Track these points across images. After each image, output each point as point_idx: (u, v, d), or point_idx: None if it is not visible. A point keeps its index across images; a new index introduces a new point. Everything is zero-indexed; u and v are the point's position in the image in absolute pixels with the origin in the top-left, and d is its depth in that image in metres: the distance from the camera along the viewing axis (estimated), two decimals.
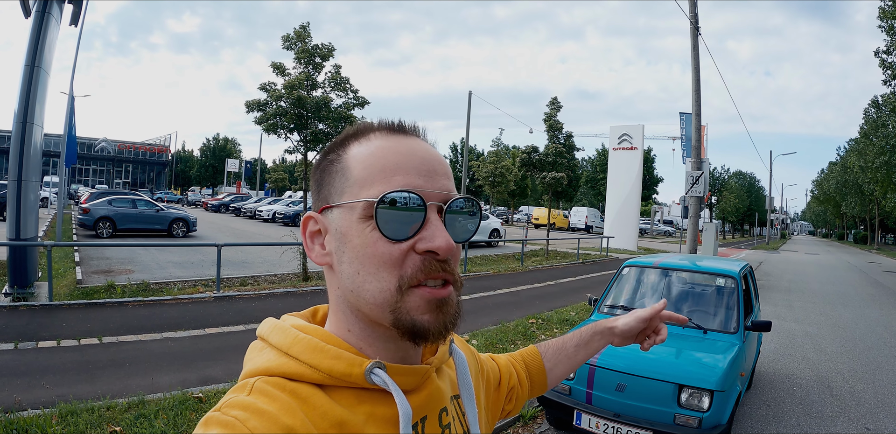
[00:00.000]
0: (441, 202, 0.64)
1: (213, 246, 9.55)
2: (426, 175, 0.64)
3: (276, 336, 0.66)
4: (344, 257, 0.64)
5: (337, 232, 0.65)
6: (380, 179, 0.62)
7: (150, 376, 5.02)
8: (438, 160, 0.67)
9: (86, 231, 16.92)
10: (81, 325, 6.59)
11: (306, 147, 11.41)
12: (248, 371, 0.64)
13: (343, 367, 0.62)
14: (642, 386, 3.51)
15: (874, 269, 24.27)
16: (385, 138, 0.66)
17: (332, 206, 0.65)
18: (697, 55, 14.06)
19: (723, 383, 3.38)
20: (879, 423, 4.93)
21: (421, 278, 0.61)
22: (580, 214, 42.13)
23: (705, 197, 30.42)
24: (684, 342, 3.98)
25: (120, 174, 66.84)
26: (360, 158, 0.65)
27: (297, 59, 10.94)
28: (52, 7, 8.29)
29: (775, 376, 6.28)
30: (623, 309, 4.58)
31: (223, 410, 0.55)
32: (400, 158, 0.64)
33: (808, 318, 10.13)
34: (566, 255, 19.79)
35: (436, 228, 0.61)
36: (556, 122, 17.62)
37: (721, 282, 4.57)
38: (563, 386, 3.88)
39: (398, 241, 0.61)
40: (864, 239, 60.99)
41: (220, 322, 7.22)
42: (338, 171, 0.66)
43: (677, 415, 3.38)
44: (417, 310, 0.61)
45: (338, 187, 0.65)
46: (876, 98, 33.80)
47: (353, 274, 0.63)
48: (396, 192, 0.60)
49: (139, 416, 3.88)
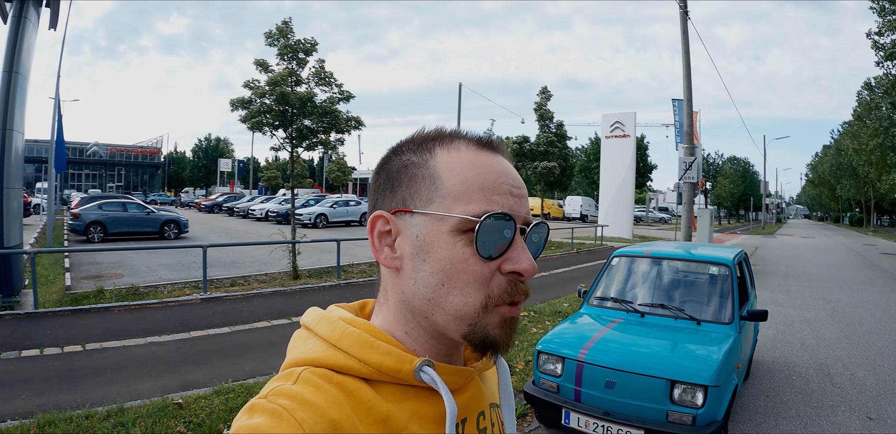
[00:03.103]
0: (524, 225, 0.66)
1: (199, 247, 9.47)
2: (517, 196, 0.65)
3: (323, 327, 0.67)
4: (424, 266, 0.64)
5: (418, 239, 0.64)
6: (478, 197, 0.63)
7: (131, 383, 4.92)
8: (522, 183, 0.68)
9: (77, 236, 16.83)
10: (66, 333, 6.49)
11: (292, 144, 11.26)
12: (292, 360, 0.65)
13: (393, 363, 0.62)
14: (633, 382, 3.33)
15: (871, 251, 24.18)
16: (476, 152, 0.67)
17: (415, 212, 0.65)
18: (687, 40, 13.86)
19: (717, 378, 3.21)
20: (882, 411, 4.77)
21: (506, 299, 0.63)
22: (575, 204, 42.02)
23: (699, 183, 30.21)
24: (677, 335, 3.80)
25: (113, 178, 66.48)
26: (454, 169, 0.64)
27: (280, 55, 10.79)
28: (28, 11, 8.20)
29: (773, 365, 6.12)
30: (613, 301, 4.40)
31: (269, 398, 0.55)
32: (496, 177, 0.65)
33: (805, 304, 9.99)
34: (560, 244, 19.62)
35: (522, 251, 0.63)
36: (546, 112, 17.46)
37: (714, 270, 4.40)
38: (551, 383, 3.71)
39: (488, 260, 0.62)
40: (859, 221, 61.03)
41: (206, 325, 7.09)
42: (423, 177, 0.65)
43: (670, 412, 3.20)
44: (492, 325, 0.63)
45: (424, 194, 0.64)
46: (869, 80, 33.74)
47: (435, 284, 0.63)
48: (497, 214, 0.61)
49: (117, 424, 3.79)
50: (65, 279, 9.90)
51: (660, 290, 4.41)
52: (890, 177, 28.20)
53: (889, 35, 22.35)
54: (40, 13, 8.73)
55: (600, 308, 4.39)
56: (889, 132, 26.55)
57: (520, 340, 6.32)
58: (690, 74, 13.65)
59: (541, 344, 3.84)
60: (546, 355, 3.75)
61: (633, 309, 4.21)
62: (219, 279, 10.47)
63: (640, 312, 4.15)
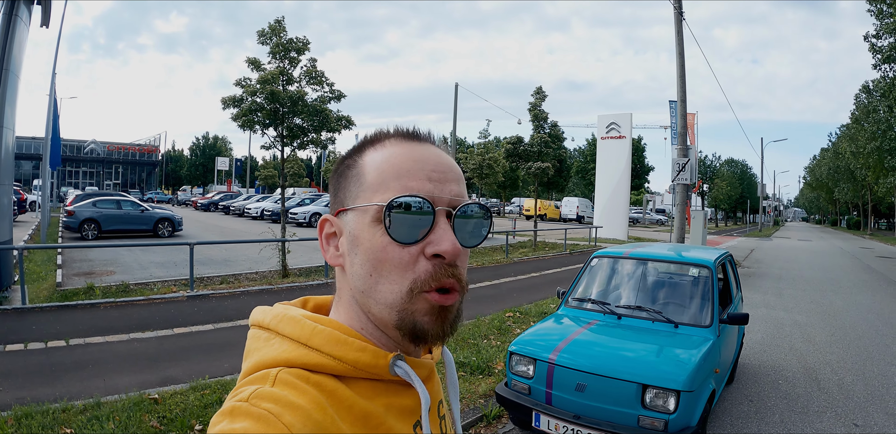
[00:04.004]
0: (450, 207, 0.65)
1: (186, 244, 9.48)
2: (437, 180, 0.65)
3: (288, 326, 0.65)
4: (356, 259, 0.65)
5: (350, 234, 0.66)
6: (394, 186, 0.64)
7: (111, 378, 4.95)
8: (450, 166, 0.69)
9: (71, 233, 16.85)
10: (51, 328, 6.50)
11: (283, 142, 11.26)
12: (259, 361, 0.63)
13: (369, 359, 0.63)
14: (604, 386, 3.21)
15: (867, 254, 24.10)
16: (399, 145, 0.68)
17: (347, 210, 0.67)
18: (682, 41, 13.78)
19: (691, 383, 3.09)
20: (869, 418, 4.66)
21: (433, 285, 0.62)
22: (571, 205, 41.93)
23: (696, 185, 29.96)
24: (653, 337, 3.68)
25: (110, 175, 66.34)
26: (374, 164, 0.66)
27: (272, 53, 10.82)
28: (19, 9, 8.24)
29: (760, 369, 6.01)
30: (591, 302, 4.28)
31: (252, 402, 0.54)
32: (412, 164, 0.65)
33: (797, 307, 9.88)
34: (554, 245, 19.52)
35: (443, 232, 0.63)
36: (540, 112, 17.32)
37: (694, 272, 4.29)
38: (523, 385, 3.60)
39: (407, 244, 0.62)
40: (857, 224, 60.99)
41: (190, 322, 7.10)
42: (353, 176, 0.68)
43: (641, 417, 3.09)
44: (420, 312, 0.63)
45: (353, 191, 0.67)
46: (867, 83, 33.73)
47: (364, 275, 0.64)
48: (406, 197, 0.62)
49: (92, 418, 3.84)
50: (56, 276, 9.90)
51: (638, 291, 4.30)
52: (887, 180, 28.13)
53: (887, 38, 22.24)
54: (32, 11, 8.78)
55: (578, 309, 4.27)
56: (887, 135, 26.49)
57: (501, 341, 6.22)
58: (685, 75, 13.56)
59: (514, 345, 3.73)
60: (518, 356, 3.64)
61: (611, 311, 4.09)
62: (209, 277, 10.52)
63: (617, 314, 4.04)
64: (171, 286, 9.42)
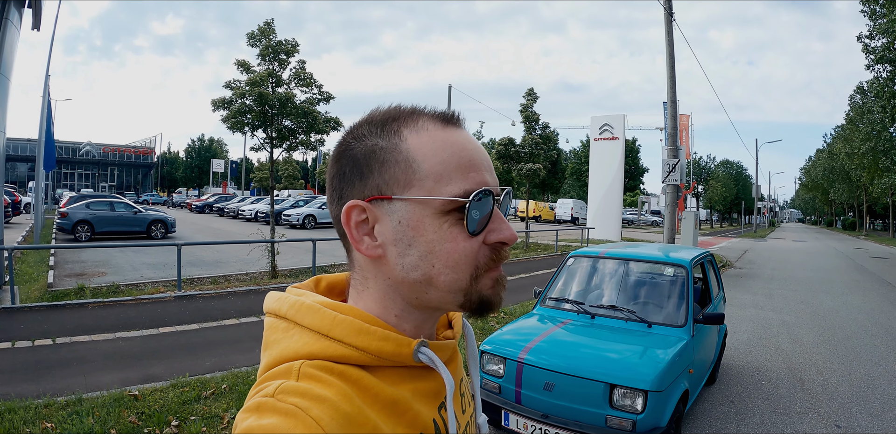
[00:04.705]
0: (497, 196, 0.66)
1: (174, 245, 9.48)
2: (489, 171, 0.66)
3: (307, 317, 0.64)
4: (411, 250, 0.63)
5: (401, 225, 0.64)
6: (457, 177, 0.63)
7: (94, 375, 5.06)
8: (486, 152, 0.69)
9: (65, 235, 16.86)
10: (39, 327, 6.60)
11: (272, 144, 11.27)
12: (281, 355, 0.61)
13: (392, 348, 0.62)
14: (572, 385, 3.17)
15: (861, 255, 24.07)
16: (441, 129, 0.66)
17: (395, 199, 0.64)
18: (672, 41, 13.76)
19: (660, 383, 3.04)
20: (852, 419, 4.60)
21: (492, 266, 0.65)
22: (566, 206, 41.92)
23: (690, 186, 29.98)
24: (625, 337, 3.64)
25: (106, 177, 66.20)
26: (428, 151, 0.64)
27: (261, 55, 10.85)
28: (9, 12, 8.29)
29: (744, 369, 5.95)
30: (565, 301, 4.22)
31: (278, 397, 0.53)
32: (469, 154, 0.65)
33: (787, 307, 9.84)
34: (546, 246, 19.49)
35: (502, 221, 0.65)
36: (532, 113, 17.29)
37: (670, 271, 4.23)
38: (494, 384, 3.55)
39: (475, 235, 0.63)
40: (852, 225, 61.09)
41: (176, 321, 7.17)
42: (397, 161, 0.64)
43: (609, 416, 3.04)
44: (485, 288, 0.64)
45: (401, 179, 0.63)
46: (861, 84, 33.80)
47: (425, 267, 0.63)
48: (482, 192, 0.62)
49: (72, 413, 3.95)
50: (48, 277, 9.93)
51: (613, 291, 4.25)
52: (882, 180, 28.15)
53: (880, 38, 22.25)
54: (22, 14, 8.84)
55: (553, 309, 4.22)
56: (881, 136, 26.51)
57: (479, 341, 6.17)
58: (675, 76, 13.53)
59: (485, 344, 3.69)
60: (489, 355, 3.60)
61: (584, 310, 4.04)
62: (200, 278, 10.57)
63: (591, 314, 3.99)
64: (159, 287, 9.43)
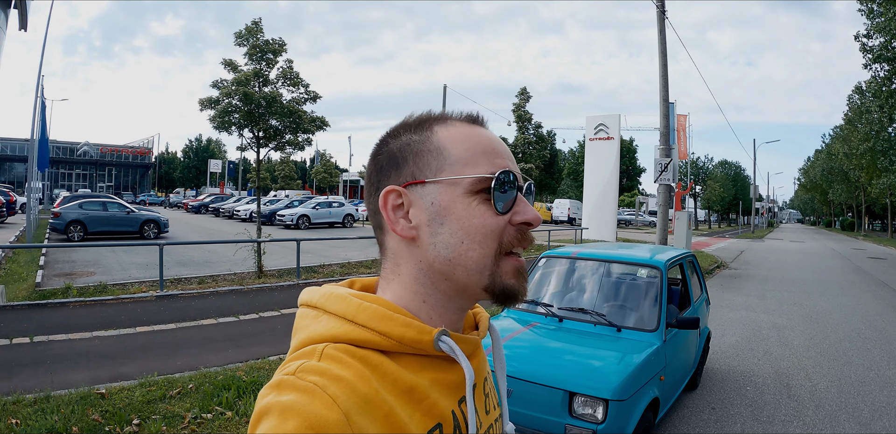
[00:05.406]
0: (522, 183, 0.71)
1: (155, 245, 9.40)
2: (511, 160, 0.72)
3: (335, 304, 0.67)
4: (442, 229, 0.67)
5: (434, 205, 0.67)
6: (483, 161, 0.68)
7: (66, 373, 5.10)
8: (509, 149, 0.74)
9: (58, 235, 16.83)
10: (19, 326, 6.63)
11: (258, 144, 11.15)
12: (308, 337, 0.64)
13: (413, 335, 0.64)
14: (531, 392, 2.98)
15: (859, 255, 23.85)
16: (468, 126, 0.72)
17: (427, 182, 0.68)
18: (664, 39, 13.62)
19: (622, 391, 2.84)
20: (839, 427, 4.39)
21: (515, 244, 0.68)
22: (562, 207, 41.62)
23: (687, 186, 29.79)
24: (591, 342, 3.43)
25: (104, 178, 66.15)
26: (457, 140, 0.69)
27: (248, 54, 10.79)
28: None
29: (728, 374, 5.74)
30: (533, 304, 4.01)
31: (299, 375, 0.55)
32: (495, 145, 0.71)
33: (779, 309, 9.62)
34: (539, 247, 19.22)
35: (526, 204, 0.70)
36: (524, 113, 17.15)
37: (643, 273, 4.02)
38: None
39: (501, 214, 0.67)
40: (851, 226, 60.85)
41: (154, 321, 7.15)
42: (429, 150, 0.69)
43: (568, 425, 2.85)
44: (507, 275, 0.67)
45: (433, 165, 0.68)
46: (860, 84, 33.62)
47: (455, 244, 0.66)
48: (505, 173, 0.67)
49: (38, 410, 4.01)
50: (36, 276, 9.87)
51: (583, 293, 4.04)
52: (880, 181, 27.97)
53: (877, 37, 22.09)
54: (8, 15, 8.65)
55: (521, 311, 4.00)
56: (879, 136, 26.29)
57: None
58: (667, 75, 13.38)
59: None
60: None
61: (553, 313, 3.83)
62: (187, 278, 10.49)
63: (559, 317, 3.77)
64: (142, 286, 9.35)
